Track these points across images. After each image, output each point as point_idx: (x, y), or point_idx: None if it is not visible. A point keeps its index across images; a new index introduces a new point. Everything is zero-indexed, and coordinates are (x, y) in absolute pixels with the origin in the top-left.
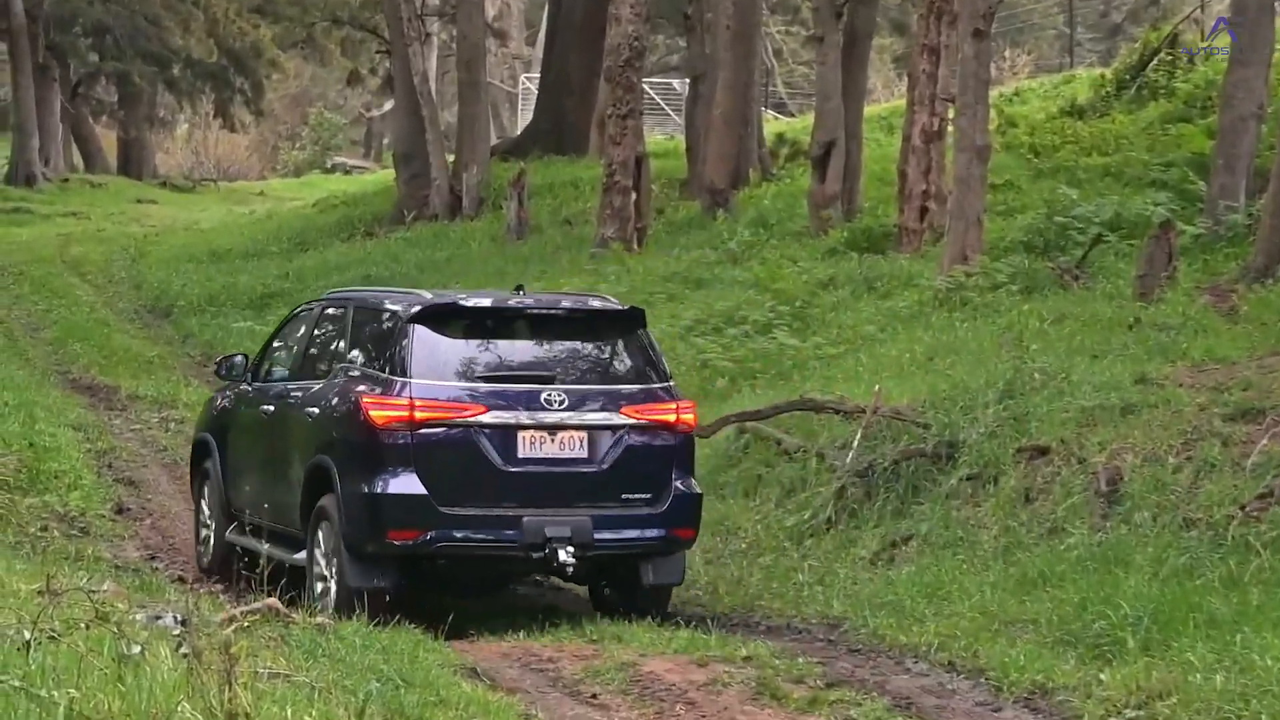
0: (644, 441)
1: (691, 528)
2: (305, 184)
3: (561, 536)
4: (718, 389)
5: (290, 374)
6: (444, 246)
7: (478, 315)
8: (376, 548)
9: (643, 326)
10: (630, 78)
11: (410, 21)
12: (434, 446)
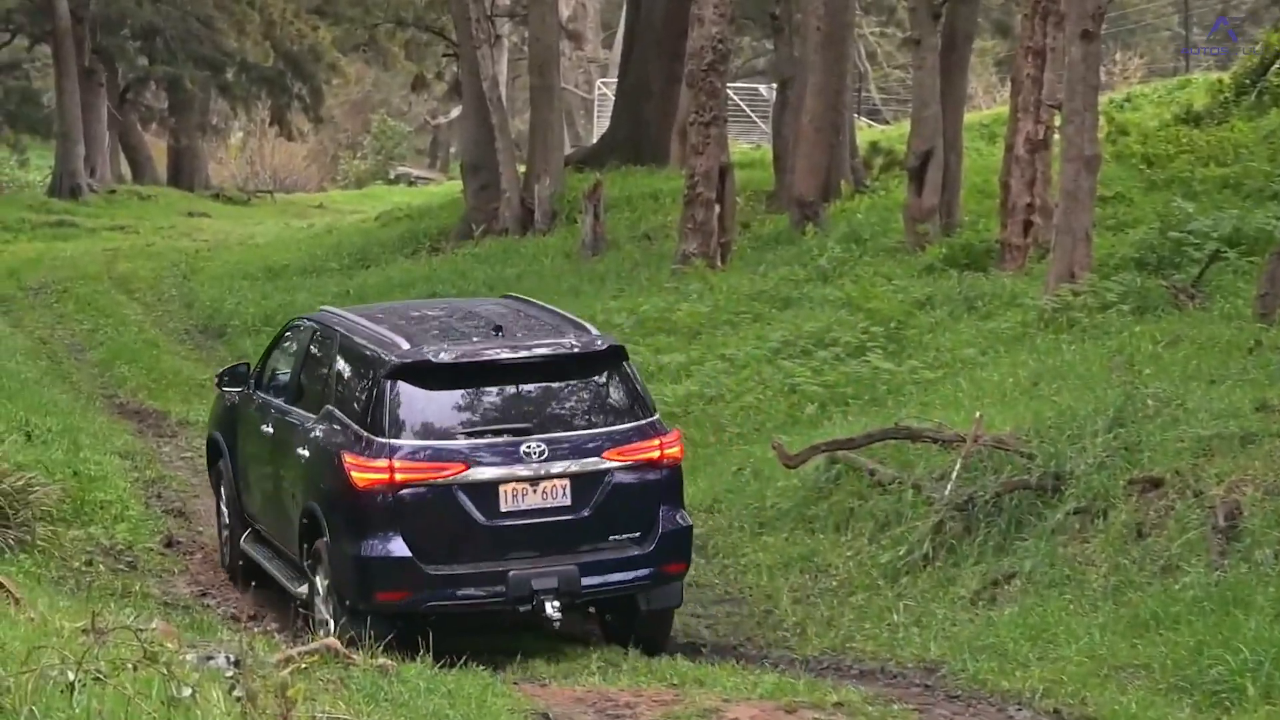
0: (629, 481)
1: (682, 561)
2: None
3: (548, 589)
4: (806, 416)
5: (287, 394)
6: (514, 263)
7: (454, 369)
8: (367, 608)
9: (624, 361)
10: (714, 82)
11: (479, 22)
12: (416, 506)
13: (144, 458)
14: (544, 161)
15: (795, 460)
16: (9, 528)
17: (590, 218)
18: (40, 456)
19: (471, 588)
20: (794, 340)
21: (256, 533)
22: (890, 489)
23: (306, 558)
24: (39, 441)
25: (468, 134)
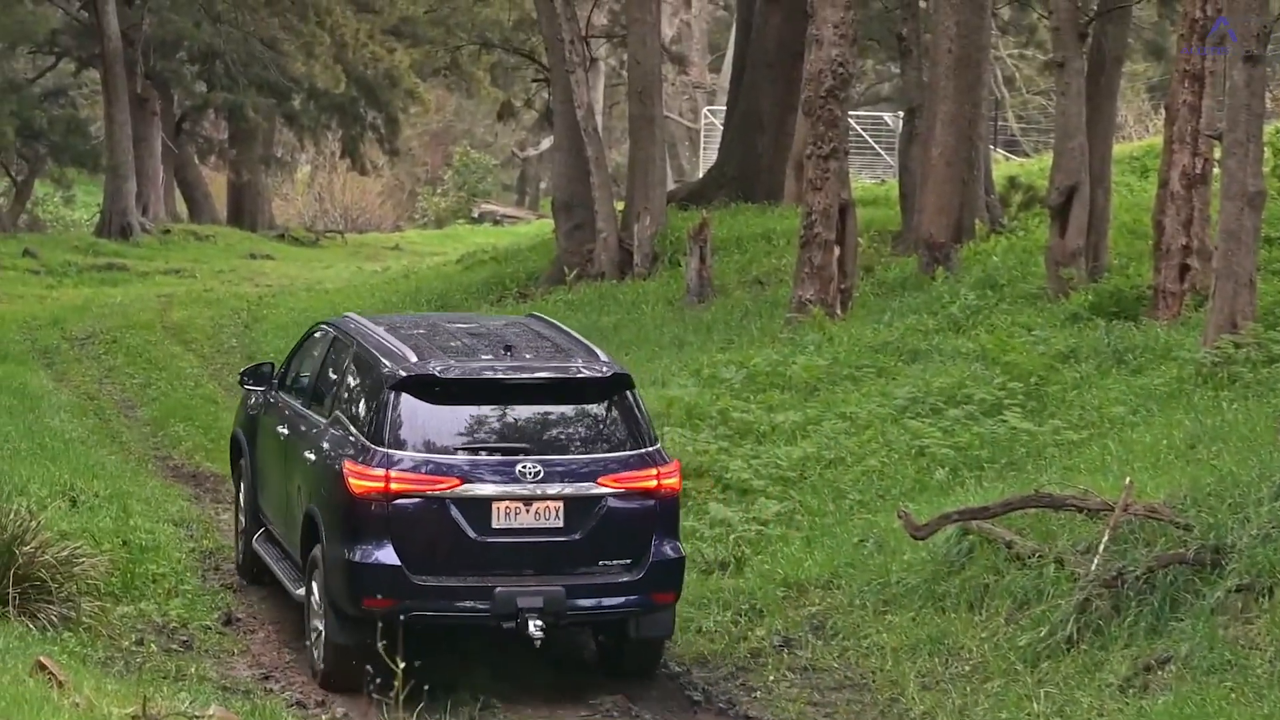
0: (623, 508)
1: (671, 591)
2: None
3: (533, 608)
4: (936, 481)
5: (304, 396)
6: (611, 311)
7: (458, 385)
8: (355, 612)
9: (630, 389)
10: (833, 111)
11: (573, 44)
12: (409, 516)
13: (201, 526)
14: (644, 198)
15: (924, 531)
16: (52, 603)
17: (696, 261)
18: (87, 524)
19: (457, 600)
20: (922, 397)
21: (268, 533)
22: (1030, 563)
23: (306, 562)
24: (85, 508)
25: (559, 168)
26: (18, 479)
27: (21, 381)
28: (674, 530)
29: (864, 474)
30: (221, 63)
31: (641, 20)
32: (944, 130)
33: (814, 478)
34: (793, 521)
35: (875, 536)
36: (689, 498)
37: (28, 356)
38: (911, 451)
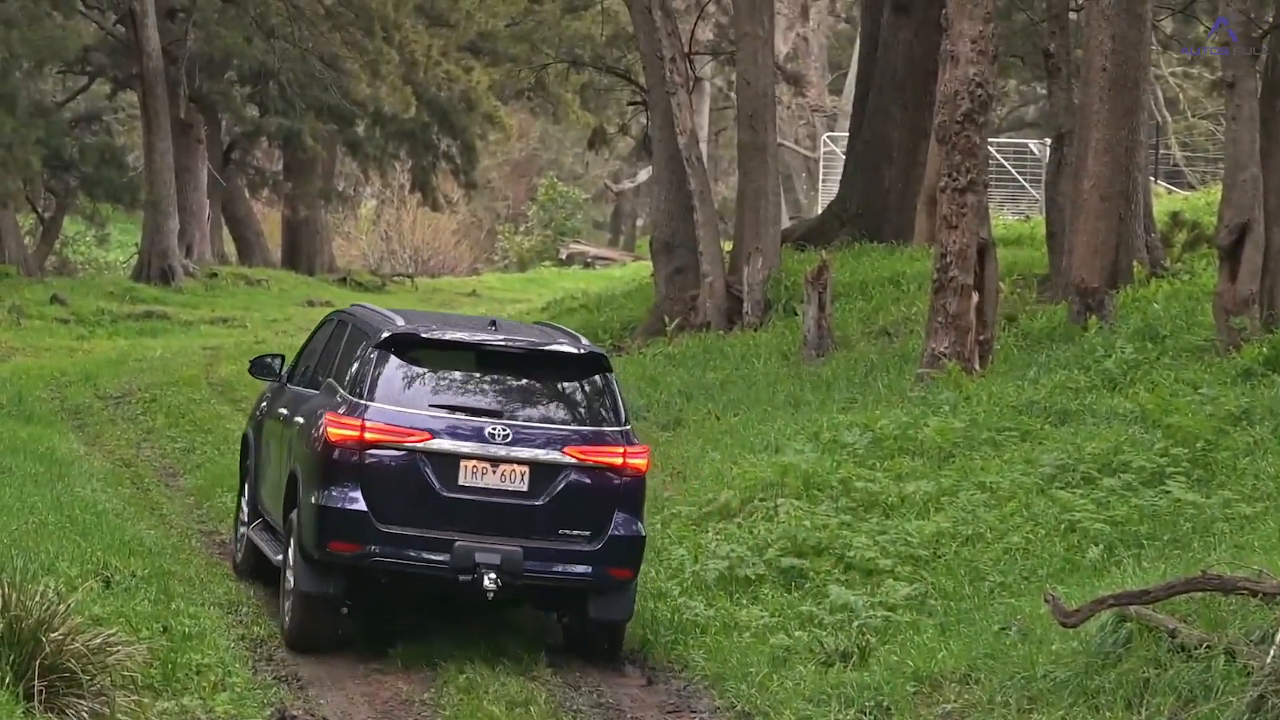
0: (587, 481)
1: (628, 568)
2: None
3: (490, 564)
4: (1088, 561)
5: (306, 379)
6: (718, 365)
7: (441, 346)
8: (321, 556)
9: (606, 370)
10: (971, 138)
11: (674, 62)
12: (380, 467)
13: (251, 610)
14: (755, 238)
15: (1075, 617)
16: (83, 697)
17: (814, 308)
18: (122, 608)
19: (418, 550)
20: (1073, 465)
21: (264, 522)
22: (1196, 655)
23: (286, 522)
24: (120, 589)
25: (659, 203)
26: (45, 556)
27: (49, 445)
28: (636, 509)
29: (1006, 552)
30: (276, 84)
31: (752, 35)
32: (1097, 160)
33: (949, 556)
34: (925, 606)
35: (1019, 623)
36: (806, 579)
37: (56, 417)
38: (1060, 526)
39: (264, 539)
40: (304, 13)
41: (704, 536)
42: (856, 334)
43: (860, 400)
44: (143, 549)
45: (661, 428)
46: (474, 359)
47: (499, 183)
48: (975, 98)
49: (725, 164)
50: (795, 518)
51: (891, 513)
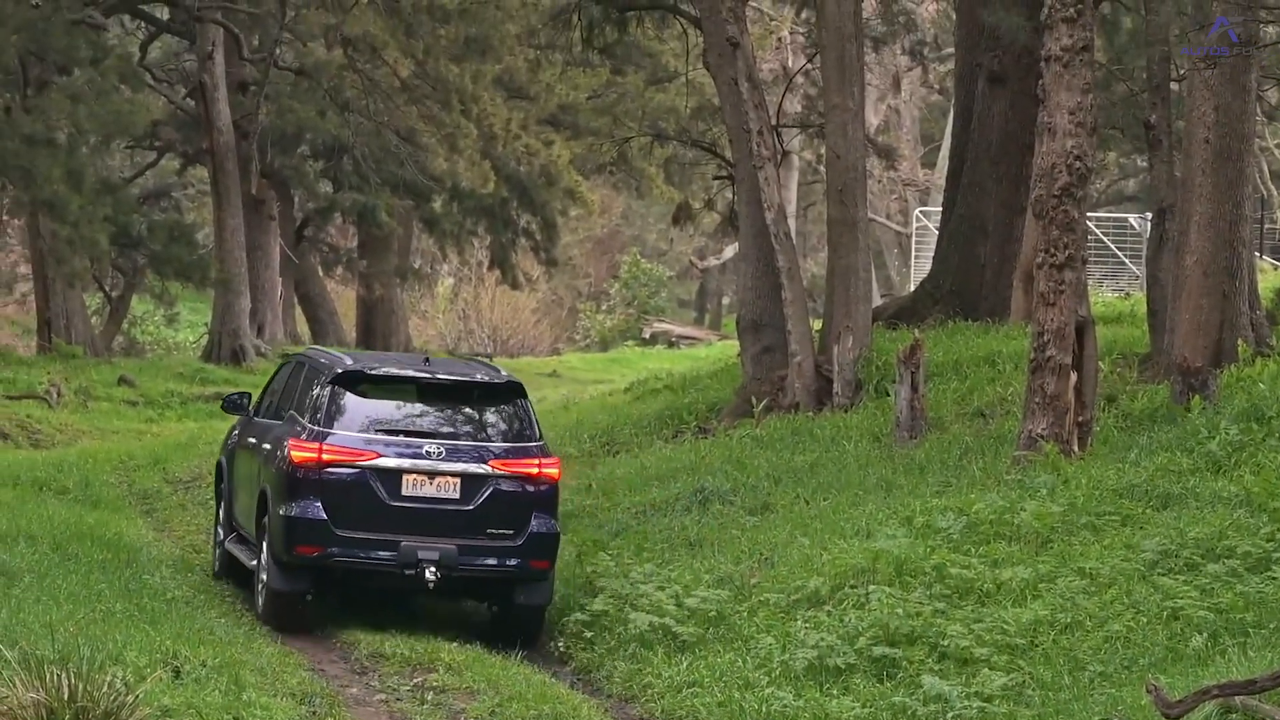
0: (509, 488)
1: (545, 559)
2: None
3: (430, 560)
4: (1192, 649)
5: (270, 413)
6: (807, 448)
7: (383, 381)
8: (289, 558)
9: (522, 397)
10: (1069, 212)
11: (761, 135)
12: (336, 482)
13: (325, 700)
14: (846, 316)
15: (1178, 708)
16: None
17: (907, 389)
18: (192, 699)
19: (370, 550)
20: (1175, 550)
21: (238, 535)
22: None
23: (258, 532)
24: (190, 679)
25: (745, 280)
26: (112, 645)
27: (117, 531)
28: (551, 511)
29: (1106, 641)
30: (350, 158)
31: (842, 107)
32: (1200, 234)
33: (1046, 645)
34: (1022, 697)
35: (1120, 715)
36: (899, 669)
37: (124, 502)
38: (1162, 614)
39: (239, 549)
40: (379, 85)
41: (792, 625)
42: (950, 415)
43: (954, 484)
44: (213, 638)
45: (748, 512)
46: (412, 390)
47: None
48: (1073, 171)
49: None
50: (887, 605)
51: (987, 600)
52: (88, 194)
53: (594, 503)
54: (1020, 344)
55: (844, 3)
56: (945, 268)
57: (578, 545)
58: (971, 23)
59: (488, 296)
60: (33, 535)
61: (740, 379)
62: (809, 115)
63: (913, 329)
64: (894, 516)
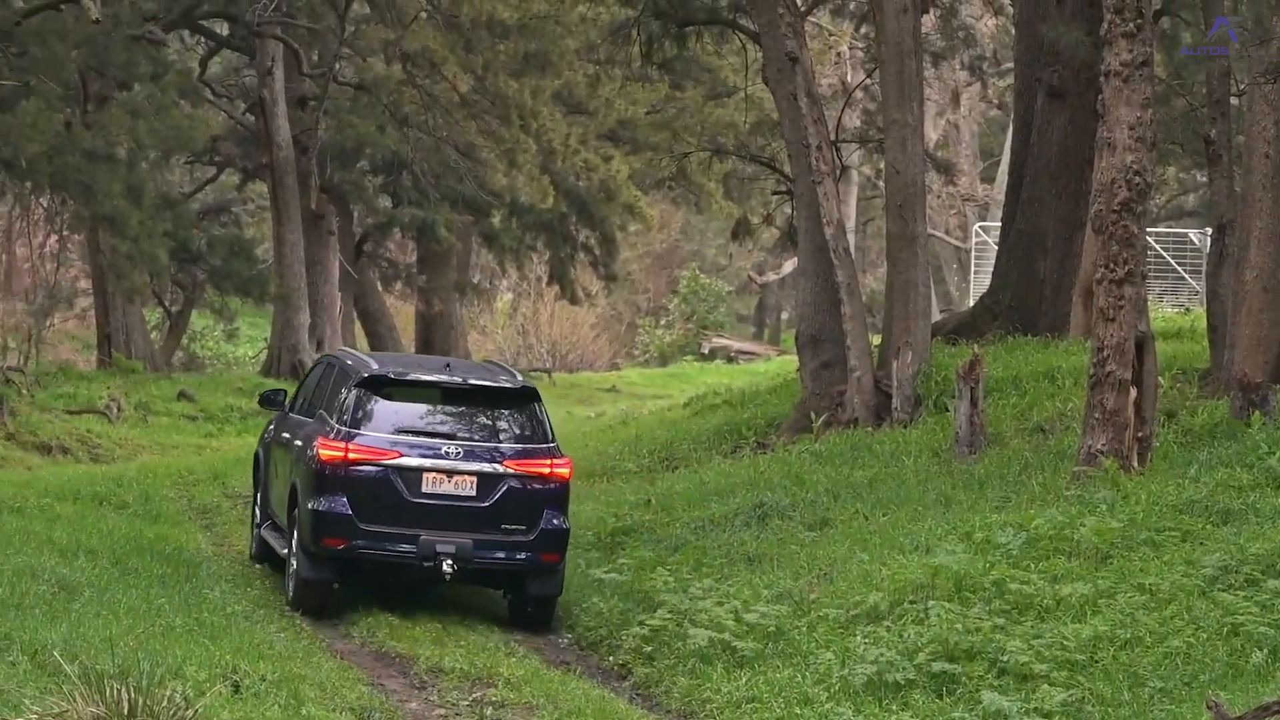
0: (522, 486)
1: (556, 553)
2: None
3: (447, 553)
4: (1252, 665)
5: (303, 410)
6: (866, 463)
7: (406, 384)
8: (316, 549)
9: (536, 401)
10: (1128, 228)
11: (820, 150)
12: (360, 479)
13: (384, 715)
14: (905, 331)
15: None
16: None
17: (966, 404)
18: (250, 714)
19: (392, 544)
20: (1236, 566)
21: (272, 522)
22: None
23: (289, 522)
24: (250, 694)
25: (804, 295)
26: (172, 660)
27: (176, 546)
28: (562, 508)
29: (1166, 656)
30: (409, 174)
31: (901, 122)
32: (1260, 250)
33: (1106, 661)
34: (1081, 713)
35: None
36: (958, 684)
37: (183, 516)
38: (1223, 630)
39: (273, 536)
40: (438, 101)
41: (852, 640)
42: (1010, 430)
43: (1014, 499)
44: (272, 652)
45: (807, 527)
46: (433, 394)
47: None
48: (1133, 186)
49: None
50: (947, 621)
51: (1047, 615)
52: (148, 209)
53: (653, 518)
54: (1080, 359)
55: (903, 18)
56: (1004, 283)
57: (636, 560)
58: (1031, 38)
59: (547, 312)
60: (93, 550)
61: (799, 394)
62: (868, 130)
63: (972, 344)
64: (953, 532)
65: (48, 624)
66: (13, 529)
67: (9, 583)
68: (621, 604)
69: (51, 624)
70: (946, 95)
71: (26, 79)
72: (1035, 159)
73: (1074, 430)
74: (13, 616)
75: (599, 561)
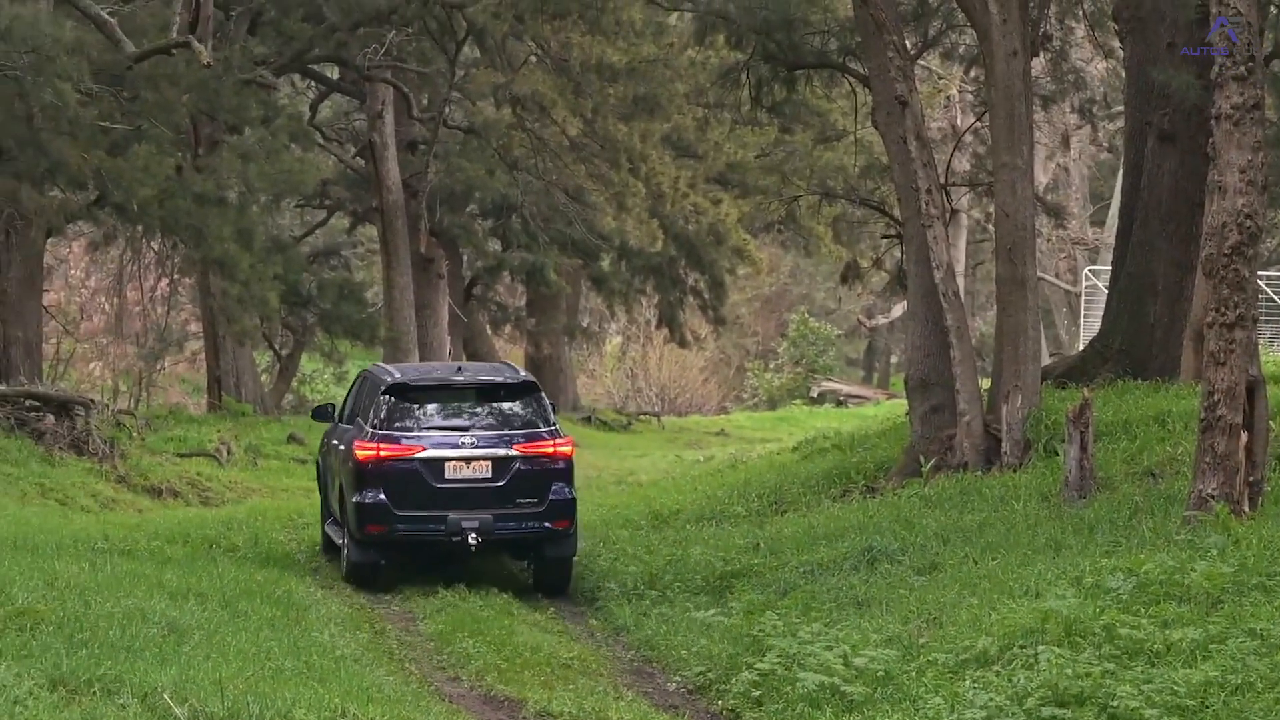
0: (530, 466)
1: (565, 520)
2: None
3: (471, 528)
4: None
5: (347, 418)
6: (975, 508)
7: (425, 388)
8: (361, 536)
9: (537, 392)
10: (1239, 271)
11: (930, 193)
12: (392, 472)
13: None
14: (1015, 375)
15: None
16: None
17: (1076, 448)
18: None
19: (424, 525)
20: None
21: (334, 519)
22: None
23: (342, 515)
24: None
25: (914, 339)
26: (281, 703)
27: (286, 589)
28: (567, 481)
29: (1277, 702)
30: (518, 217)
31: (1011, 165)
32: None
33: (1217, 706)
34: None
35: None
36: None
37: (293, 559)
38: None
39: (334, 530)
40: (548, 144)
41: (961, 685)
42: (1120, 475)
43: (1124, 544)
44: (381, 696)
45: (916, 572)
46: (448, 393)
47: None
48: (1244, 229)
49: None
50: (1056, 666)
51: (1157, 661)
52: (258, 253)
53: (761, 561)
54: (1190, 403)
55: (1013, 61)
56: (1115, 326)
57: (745, 604)
58: (1141, 81)
59: (655, 355)
60: (203, 593)
61: (908, 438)
62: (978, 174)
63: (1082, 388)
64: (1063, 576)
65: (158, 666)
66: (123, 571)
67: (119, 625)
68: (730, 648)
69: (161, 666)
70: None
71: (138, 123)
72: (1145, 202)
73: (1184, 475)
74: (123, 659)
75: (708, 604)
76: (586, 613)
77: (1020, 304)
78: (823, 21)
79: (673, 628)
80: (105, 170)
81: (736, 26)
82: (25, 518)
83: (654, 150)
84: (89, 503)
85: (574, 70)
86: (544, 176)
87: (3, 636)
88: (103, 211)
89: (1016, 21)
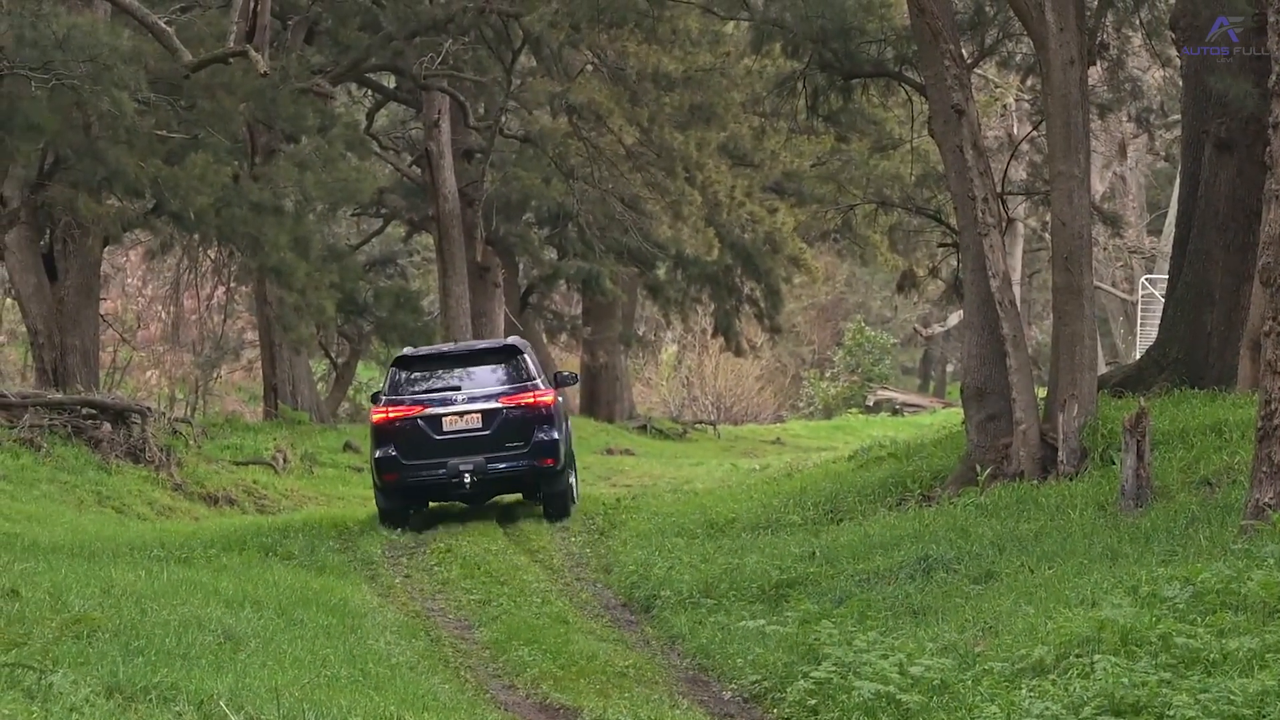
0: (515, 415)
1: (549, 458)
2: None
3: (467, 470)
4: None
5: None
6: (1031, 516)
7: (423, 358)
8: (381, 484)
9: (519, 354)
10: None
11: (986, 202)
12: (400, 430)
13: None
14: (1071, 384)
15: None
16: None
17: (1132, 457)
18: None
19: (428, 471)
20: None
21: None
22: None
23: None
24: None
25: (970, 348)
26: (337, 710)
27: (341, 597)
28: (548, 426)
29: None
30: (574, 225)
31: (1067, 174)
32: None
33: (1274, 715)
34: None
35: None
36: None
37: (348, 568)
38: None
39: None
40: (604, 153)
41: (1017, 694)
42: (1177, 484)
43: (1181, 553)
44: (437, 703)
45: (972, 580)
46: (444, 361)
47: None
48: None
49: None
50: (1113, 674)
51: (1213, 670)
52: (314, 261)
53: (817, 570)
54: (1247, 412)
55: (1070, 70)
56: (1171, 335)
57: (801, 612)
58: (1198, 89)
59: (711, 363)
60: (258, 600)
61: (964, 447)
62: (1034, 182)
63: (1138, 397)
64: (1119, 585)
65: (213, 674)
66: (179, 579)
67: (175, 633)
68: (786, 656)
69: (217, 674)
70: (1113, 147)
71: (195, 132)
72: (1202, 211)
73: (1241, 484)
74: (179, 666)
75: (763, 613)
76: (642, 621)
77: (1077, 313)
78: (879, 30)
79: (728, 636)
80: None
81: (793, 35)
82: (82, 525)
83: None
84: (145, 510)
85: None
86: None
87: (59, 644)
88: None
89: (1073, 30)
